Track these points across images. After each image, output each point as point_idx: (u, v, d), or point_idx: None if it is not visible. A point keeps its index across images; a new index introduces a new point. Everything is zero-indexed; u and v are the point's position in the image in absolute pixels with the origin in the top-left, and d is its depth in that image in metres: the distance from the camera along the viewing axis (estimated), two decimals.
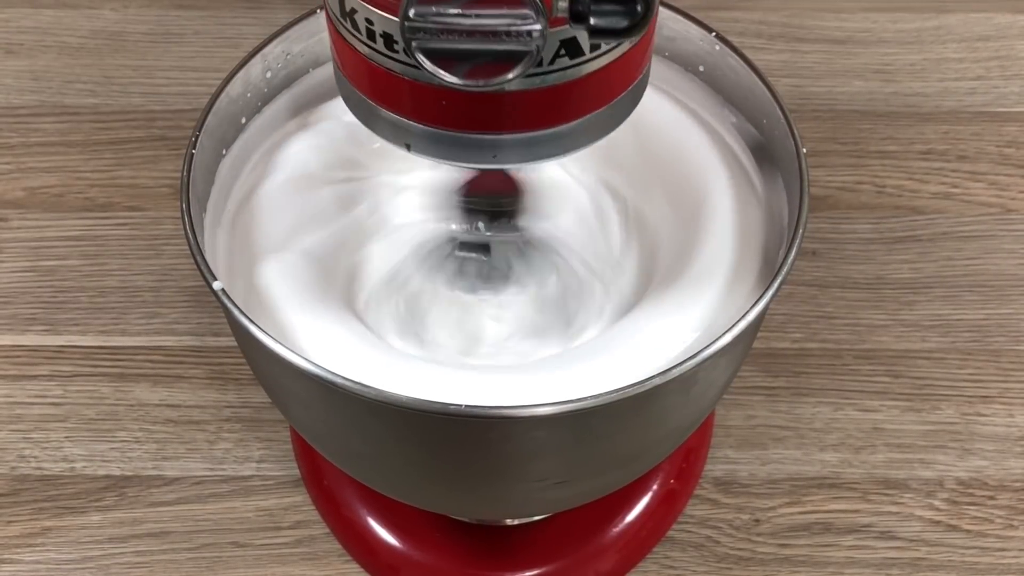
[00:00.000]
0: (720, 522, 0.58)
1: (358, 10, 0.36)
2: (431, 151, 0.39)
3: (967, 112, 0.75)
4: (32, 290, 0.66)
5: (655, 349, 0.43)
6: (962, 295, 0.66)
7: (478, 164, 0.39)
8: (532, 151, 0.38)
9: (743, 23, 0.80)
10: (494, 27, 0.33)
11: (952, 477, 0.60)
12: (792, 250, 0.42)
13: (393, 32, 0.36)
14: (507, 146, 0.38)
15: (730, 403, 0.62)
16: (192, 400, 0.62)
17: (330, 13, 0.39)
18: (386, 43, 0.36)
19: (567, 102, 0.38)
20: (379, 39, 0.36)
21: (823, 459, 0.60)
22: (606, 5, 0.33)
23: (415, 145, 0.39)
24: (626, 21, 0.33)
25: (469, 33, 0.33)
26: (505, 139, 0.38)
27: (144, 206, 0.70)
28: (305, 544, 0.57)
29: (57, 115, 0.75)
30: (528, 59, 0.33)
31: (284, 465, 0.60)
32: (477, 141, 0.38)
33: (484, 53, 0.33)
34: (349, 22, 0.37)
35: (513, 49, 0.33)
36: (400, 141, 0.39)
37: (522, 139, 0.38)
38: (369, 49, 0.37)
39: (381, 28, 0.36)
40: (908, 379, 0.63)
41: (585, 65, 0.36)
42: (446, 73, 0.34)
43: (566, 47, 0.36)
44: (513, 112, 0.36)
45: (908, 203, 0.71)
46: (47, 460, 0.60)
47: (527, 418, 0.38)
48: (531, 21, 0.32)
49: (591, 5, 0.33)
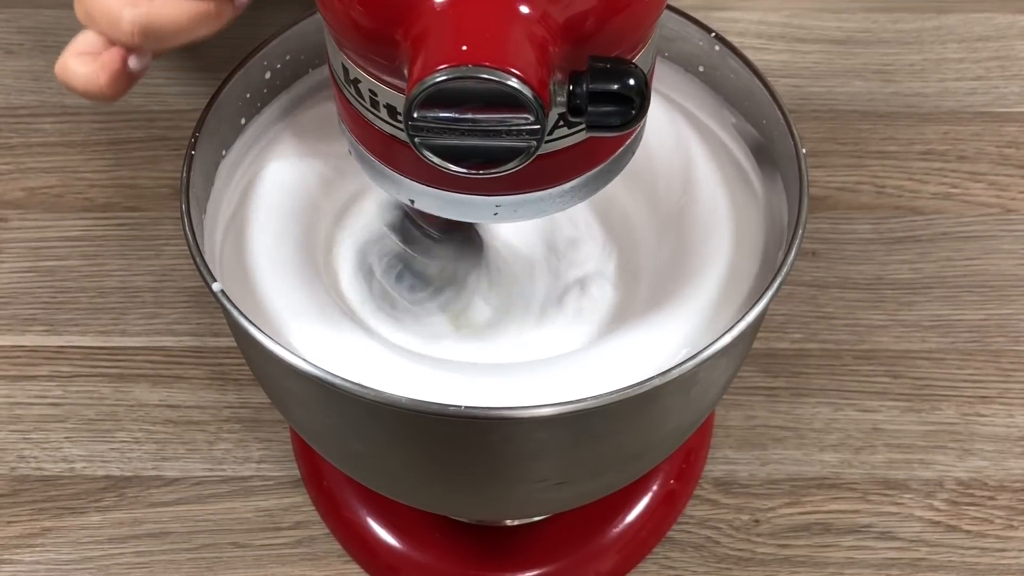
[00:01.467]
0: (720, 522, 0.58)
1: (361, 80, 0.37)
2: (434, 207, 0.40)
3: (967, 112, 0.75)
4: (32, 290, 0.66)
5: (653, 350, 0.43)
6: (962, 295, 0.66)
7: (479, 220, 0.41)
8: (533, 208, 0.40)
9: (743, 23, 0.80)
10: (496, 127, 0.34)
11: (952, 477, 0.60)
12: (792, 250, 0.42)
13: (397, 104, 0.36)
14: (508, 204, 0.39)
15: (730, 403, 0.62)
16: (192, 400, 0.62)
17: (334, 75, 0.39)
18: (389, 113, 0.37)
19: (567, 165, 0.39)
20: (383, 108, 0.37)
21: (823, 459, 0.60)
22: (603, 105, 0.34)
23: (418, 201, 0.40)
24: (620, 119, 0.34)
25: (471, 132, 0.34)
26: (506, 199, 0.39)
27: (144, 206, 0.70)
28: (305, 544, 0.57)
29: (57, 115, 0.75)
30: (528, 153, 0.34)
31: (284, 465, 0.60)
32: (479, 201, 0.39)
33: (486, 149, 0.34)
34: (353, 89, 0.38)
35: (514, 145, 0.34)
36: (404, 196, 0.40)
37: (523, 199, 0.39)
38: (372, 115, 0.38)
39: (385, 100, 0.37)
40: (908, 379, 0.63)
41: (583, 131, 0.37)
42: (450, 164, 0.35)
43: (564, 119, 0.37)
44: (514, 178, 0.36)
45: (908, 203, 0.70)
46: (47, 460, 0.60)
47: (527, 419, 0.38)
48: (532, 122, 0.33)
49: (588, 104, 0.34)
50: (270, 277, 0.45)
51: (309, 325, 0.44)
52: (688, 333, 0.43)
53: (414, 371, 0.43)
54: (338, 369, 0.39)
